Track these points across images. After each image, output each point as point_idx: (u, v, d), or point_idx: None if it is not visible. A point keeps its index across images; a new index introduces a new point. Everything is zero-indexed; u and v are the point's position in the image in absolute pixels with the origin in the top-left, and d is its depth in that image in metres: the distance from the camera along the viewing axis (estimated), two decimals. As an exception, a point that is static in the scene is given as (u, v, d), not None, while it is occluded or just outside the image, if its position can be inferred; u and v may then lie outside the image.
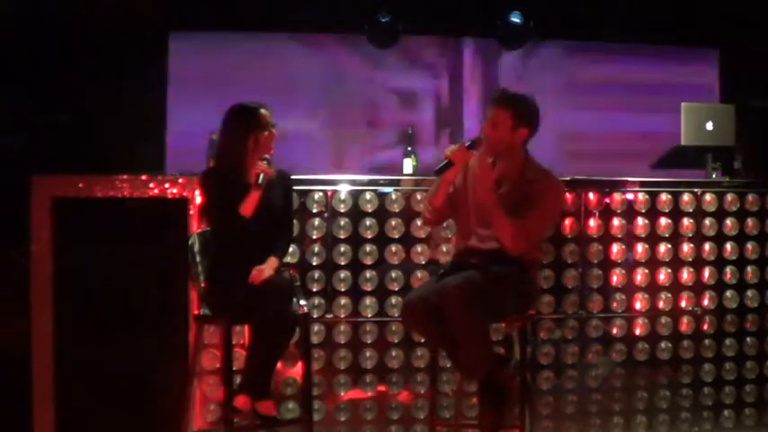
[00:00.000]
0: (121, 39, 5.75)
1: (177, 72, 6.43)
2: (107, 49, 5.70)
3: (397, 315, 4.46)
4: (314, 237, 4.48)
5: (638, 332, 4.72)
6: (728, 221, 4.83)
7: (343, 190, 4.52)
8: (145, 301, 4.38)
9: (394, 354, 4.51)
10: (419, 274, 4.52)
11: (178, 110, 6.40)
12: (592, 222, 4.69)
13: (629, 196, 4.75)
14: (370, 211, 4.52)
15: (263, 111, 3.91)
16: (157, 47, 6.10)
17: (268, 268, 3.77)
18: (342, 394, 4.48)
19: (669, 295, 4.76)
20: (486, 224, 3.81)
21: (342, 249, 4.49)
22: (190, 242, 3.98)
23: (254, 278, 3.72)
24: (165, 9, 6.02)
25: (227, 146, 3.92)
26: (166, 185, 4.40)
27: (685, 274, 4.79)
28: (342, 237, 4.49)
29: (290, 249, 4.35)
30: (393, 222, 4.53)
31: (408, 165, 5.32)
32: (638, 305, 4.73)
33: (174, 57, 6.39)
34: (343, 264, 4.49)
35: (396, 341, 4.51)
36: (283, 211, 4.01)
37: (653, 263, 4.75)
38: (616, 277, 4.71)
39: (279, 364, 3.98)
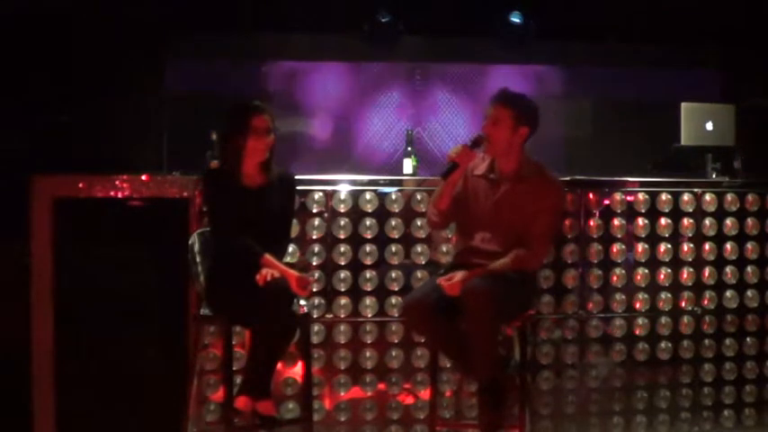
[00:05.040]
0: (121, 39, 5.75)
1: (176, 72, 6.44)
2: (107, 49, 5.71)
3: (397, 315, 4.46)
4: (314, 237, 4.47)
5: (638, 332, 4.72)
6: (728, 221, 4.83)
7: (343, 190, 4.51)
8: (145, 301, 4.38)
9: (394, 354, 4.51)
10: (419, 274, 4.52)
11: (178, 110, 6.41)
12: (592, 222, 4.69)
13: (630, 196, 4.75)
14: (370, 211, 4.52)
15: (258, 116, 3.83)
16: (157, 47, 6.10)
17: (269, 268, 3.75)
18: (342, 394, 4.48)
19: (669, 295, 4.76)
20: (487, 228, 3.83)
21: (342, 249, 4.49)
22: (190, 242, 3.98)
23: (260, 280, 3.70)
24: (164, 9, 6.02)
25: (224, 147, 3.91)
26: (166, 185, 4.40)
27: (685, 274, 4.79)
28: (342, 237, 4.49)
29: (290, 249, 4.37)
30: (393, 222, 4.53)
31: (408, 165, 5.31)
32: (638, 305, 4.73)
33: (174, 56, 6.39)
34: (343, 264, 4.49)
35: (396, 341, 4.51)
36: (282, 215, 3.97)
37: (653, 263, 4.75)
38: (616, 277, 4.71)
39: (279, 364, 3.97)
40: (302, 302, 3.96)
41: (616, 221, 4.71)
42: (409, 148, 5.41)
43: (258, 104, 3.90)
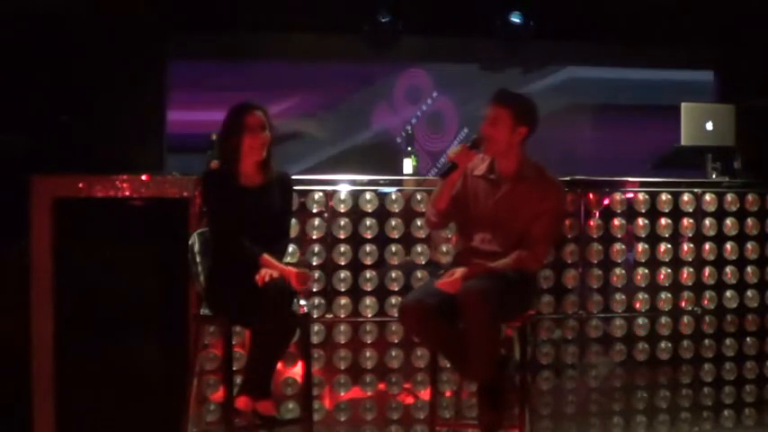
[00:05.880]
0: (121, 39, 5.75)
1: (177, 72, 6.44)
2: (107, 49, 5.71)
3: (397, 315, 4.46)
4: (314, 237, 4.47)
5: (638, 332, 4.72)
6: (728, 221, 4.83)
7: (343, 190, 4.51)
8: (145, 301, 4.38)
9: (394, 354, 4.51)
10: (419, 274, 4.52)
11: (178, 110, 6.41)
12: (592, 222, 4.68)
13: (629, 196, 4.75)
14: (370, 211, 4.52)
15: (256, 113, 3.88)
16: (157, 47, 6.10)
17: (268, 269, 3.75)
18: (342, 394, 4.48)
19: (669, 295, 4.76)
20: (487, 228, 3.83)
21: (342, 249, 4.49)
22: (190, 242, 3.98)
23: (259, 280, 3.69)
24: (164, 9, 6.02)
25: (222, 147, 3.92)
26: (166, 185, 4.40)
27: (685, 274, 4.78)
28: (342, 237, 4.49)
29: (290, 249, 4.38)
30: (393, 222, 4.53)
31: (408, 165, 5.31)
32: (638, 305, 4.73)
33: (174, 57, 6.39)
34: (343, 264, 4.49)
35: (396, 341, 4.51)
36: (281, 215, 3.97)
37: (653, 263, 4.75)
38: (616, 277, 4.71)
39: (279, 364, 3.97)
40: (302, 302, 3.96)
41: (616, 221, 4.71)
42: (409, 148, 5.41)
43: (251, 103, 3.92)
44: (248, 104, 3.91)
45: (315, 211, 4.48)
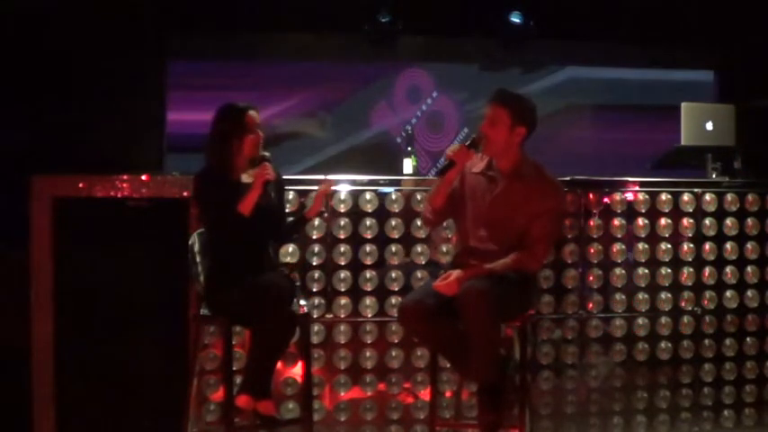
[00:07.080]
0: (121, 38, 5.74)
1: (177, 72, 6.43)
2: (107, 48, 5.70)
3: (396, 316, 4.45)
4: (314, 237, 4.47)
5: (638, 332, 4.72)
6: (728, 221, 4.83)
7: (343, 190, 4.51)
8: (145, 301, 4.38)
9: (394, 354, 4.51)
10: (419, 274, 4.52)
11: (178, 110, 6.41)
12: (592, 222, 4.68)
13: (629, 196, 4.75)
14: (370, 211, 4.52)
15: (250, 113, 3.89)
16: (157, 47, 6.09)
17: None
18: (342, 394, 4.48)
19: (669, 295, 4.76)
20: (485, 225, 3.82)
21: (342, 249, 4.49)
22: (190, 242, 3.98)
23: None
24: (164, 9, 6.02)
25: (213, 147, 3.92)
26: (166, 185, 4.40)
27: (685, 274, 4.78)
28: (342, 237, 4.49)
29: (290, 249, 4.38)
30: (393, 222, 4.53)
31: (408, 165, 5.31)
32: (638, 305, 4.73)
33: (174, 57, 6.39)
34: (343, 264, 4.49)
35: (396, 341, 4.51)
36: (277, 210, 4.01)
37: (653, 263, 4.75)
38: (616, 277, 4.71)
39: (279, 364, 3.98)
40: (302, 302, 3.96)
41: (616, 221, 4.71)
42: (409, 148, 5.41)
43: (245, 104, 3.94)
44: (245, 105, 3.93)
45: (315, 210, 4.47)
